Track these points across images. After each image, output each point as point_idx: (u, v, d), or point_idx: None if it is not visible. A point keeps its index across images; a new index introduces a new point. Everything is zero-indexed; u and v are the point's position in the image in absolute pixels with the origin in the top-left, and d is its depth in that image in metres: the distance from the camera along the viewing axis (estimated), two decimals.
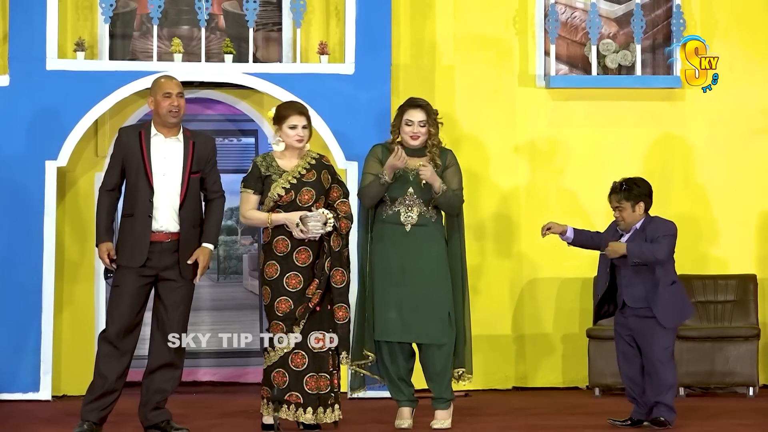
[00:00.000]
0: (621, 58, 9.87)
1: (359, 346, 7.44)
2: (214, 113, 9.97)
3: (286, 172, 7.26)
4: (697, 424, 7.64)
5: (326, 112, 9.13)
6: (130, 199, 7.08)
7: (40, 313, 8.98)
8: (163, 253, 7.07)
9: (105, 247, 7.11)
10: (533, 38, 9.82)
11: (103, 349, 7.09)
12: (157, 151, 7.11)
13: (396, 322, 7.34)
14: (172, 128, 7.14)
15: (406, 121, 7.41)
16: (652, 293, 7.31)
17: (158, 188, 7.06)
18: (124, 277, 7.09)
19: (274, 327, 7.22)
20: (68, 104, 9.02)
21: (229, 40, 9.40)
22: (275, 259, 7.21)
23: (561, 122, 9.85)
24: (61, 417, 7.97)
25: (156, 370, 7.15)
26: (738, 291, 9.69)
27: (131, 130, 7.24)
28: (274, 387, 7.15)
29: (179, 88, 7.15)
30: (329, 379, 7.21)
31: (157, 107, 7.10)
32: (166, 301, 7.10)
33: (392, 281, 7.37)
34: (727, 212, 9.91)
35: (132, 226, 7.06)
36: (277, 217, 7.21)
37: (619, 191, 7.38)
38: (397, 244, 7.38)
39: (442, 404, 7.45)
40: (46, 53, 9.07)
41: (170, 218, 7.08)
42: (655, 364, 7.35)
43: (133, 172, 7.07)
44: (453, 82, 9.75)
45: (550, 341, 9.82)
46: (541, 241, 9.05)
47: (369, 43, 9.24)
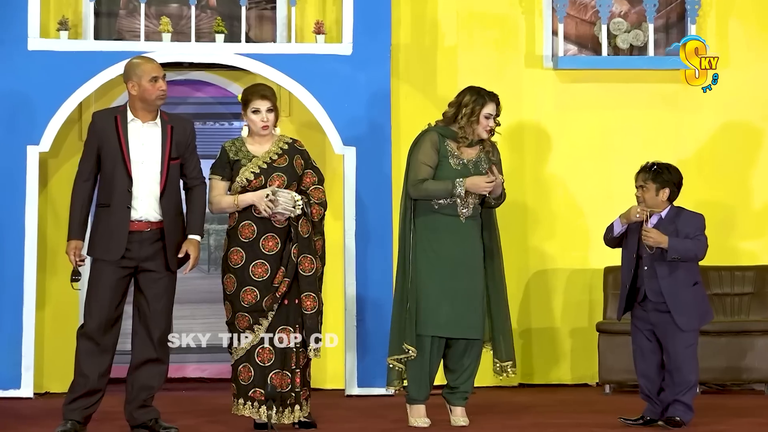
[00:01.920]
0: (632, 37, 9.82)
1: (398, 340, 7.34)
2: (204, 96, 9.93)
3: (256, 157, 7.16)
4: (712, 423, 7.56)
5: (322, 94, 9.08)
6: (107, 189, 6.95)
7: (22, 305, 8.92)
8: (143, 243, 6.95)
9: (75, 244, 6.97)
10: (540, 17, 9.76)
11: (82, 346, 6.98)
12: (134, 137, 6.98)
13: (450, 317, 7.31)
14: (151, 112, 7.03)
15: (486, 115, 7.39)
16: (672, 293, 7.26)
17: (137, 177, 6.93)
18: (101, 270, 6.97)
19: (240, 319, 7.09)
20: (51, 87, 8.94)
21: (221, 18, 9.35)
22: (240, 246, 7.10)
23: (569, 105, 9.78)
24: (44, 415, 7.90)
25: (140, 365, 7.05)
26: (756, 283, 9.60)
27: (106, 114, 7.10)
28: (240, 383, 7.07)
29: (163, 70, 7.06)
30: (290, 377, 7.07)
31: (143, 93, 6.96)
32: (148, 293, 6.99)
33: (447, 274, 7.33)
34: (744, 200, 9.85)
35: (109, 217, 6.93)
36: (244, 197, 7.10)
37: (648, 171, 7.34)
38: (453, 236, 7.35)
39: (463, 400, 7.44)
40: (28, 33, 8.98)
41: (150, 208, 6.96)
42: (678, 361, 7.29)
43: (110, 159, 6.94)
44: (456, 63, 9.66)
45: (558, 336, 9.75)
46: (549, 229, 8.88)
47: (367, 22, 9.15)
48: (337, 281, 9.11)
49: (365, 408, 8.25)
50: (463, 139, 7.37)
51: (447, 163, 7.34)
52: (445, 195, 7.30)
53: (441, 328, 7.31)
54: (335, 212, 9.28)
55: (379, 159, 9.05)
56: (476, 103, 7.38)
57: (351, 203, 9.03)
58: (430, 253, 7.34)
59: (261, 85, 7.35)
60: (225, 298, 7.12)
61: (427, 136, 7.40)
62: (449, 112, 7.44)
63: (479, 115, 7.36)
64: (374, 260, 9.01)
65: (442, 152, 7.35)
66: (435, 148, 7.36)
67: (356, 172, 9.03)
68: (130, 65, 7.04)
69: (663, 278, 7.24)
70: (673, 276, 7.24)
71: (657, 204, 7.31)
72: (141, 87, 6.94)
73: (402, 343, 7.32)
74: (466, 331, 7.34)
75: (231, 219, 7.16)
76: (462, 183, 7.26)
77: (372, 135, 9.06)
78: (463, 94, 7.44)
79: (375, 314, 8.94)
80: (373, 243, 9.01)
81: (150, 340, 6.98)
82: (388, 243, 9.00)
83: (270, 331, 7.04)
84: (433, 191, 7.31)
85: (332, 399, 8.68)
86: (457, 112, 7.40)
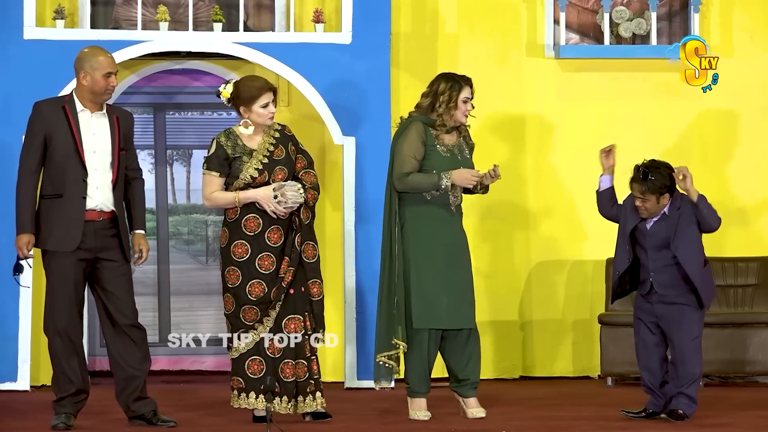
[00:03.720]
0: (635, 26, 9.76)
1: (387, 336, 7.32)
2: (202, 85, 9.90)
3: (255, 151, 7.08)
4: (715, 416, 7.54)
5: (322, 84, 9.05)
6: (57, 179, 6.91)
7: (18, 298, 8.87)
8: (97, 234, 6.93)
9: (28, 238, 6.93)
10: (542, 5, 9.71)
11: (58, 345, 6.96)
12: (86, 127, 6.96)
13: (449, 308, 7.30)
14: (98, 104, 7.00)
15: (464, 99, 7.39)
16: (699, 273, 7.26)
17: (90, 167, 6.91)
18: (59, 263, 6.92)
19: (247, 312, 7.04)
20: (47, 76, 8.85)
21: (219, 7, 9.31)
22: (245, 239, 7.05)
23: (571, 95, 9.74)
24: (40, 408, 7.80)
25: (119, 356, 7.02)
26: (759, 274, 9.57)
27: (52, 104, 7.05)
28: (249, 376, 7.02)
29: (117, 66, 7.09)
30: (307, 366, 7.07)
31: (93, 85, 6.93)
32: (110, 283, 6.97)
33: (443, 265, 7.32)
34: (748, 190, 9.81)
35: (61, 208, 6.89)
36: (246, 194, 7.04)
37: (643, 182, 7.26)
38: (445, 226, 7.36)
39: (474, 390, 7.44)
40: (23, 21, 8.94)
41: (104, 197, 6.94)
42: (683, 353, 7.28)
43: (60, 150, 6.90)
44: (456, 52, 9.62)
45: (560, 328, 9.72)
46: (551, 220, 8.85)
47: (367, 11, 9.12)
48: (336, 272, 9.07)
49: (365, 401, 8.26)
50: (441, 127, 7.34)
51: (435, 151, 7.31)
52: (431, 188, 7.28)
53: (441, 320, 7.29)
54: (334, 203, 9.24)
55: (379, 149, 8.99)
56: (453, 89, 7.37)
57: (350, 194, 8.99)
58: (424, 244, 7.30)
59: (261, 78, 7.27)
60: (226, 290, 7.07)
61: (412, 127, 7.35)
62: (424, 102, 7.42)
63: (457, 101, 7.36)
64: (374, 251, 8.94)
65: (429, 142, 7.33)
66: (422, 139, 7.33)
67: (355, 163, 8.99)
68: (84, 54, 6.98)
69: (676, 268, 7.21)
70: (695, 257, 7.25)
71: (661, 208, 7.28)
72: (93, 79, 6.91)
73: (391, 338, 7.29)
74: (465, 321, 7.34)
75: (231, 211, 7.08)
76: (448, 176, 7.24)
77: (371, 125, 9.03)
78: (437, 82, 7.43)
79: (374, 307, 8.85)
80: (373, 234, 8.95)
81: (122, 328, 6.95)
82: None
83: (278, 321, 7.01)
84: (419, 184, 7.28)
85: (332, 392, 8.61)
86: (434, 100, 7.38)
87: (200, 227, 9.95)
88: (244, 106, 7.04)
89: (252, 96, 7.02)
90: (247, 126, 7.06)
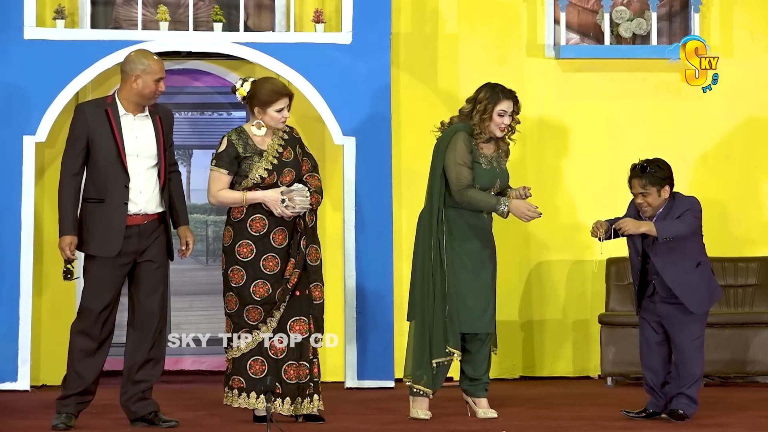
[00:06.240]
0: (635, 26, 9.76)
1: (442, 343, 7.30)
2: (202, 85, 9.89)
3: (265, 152, 7.07)
4: (715, 416, 7.53)
5: (322, 84, 9.03)
6: (99, 184, 6.86)
7: (18, 297, 8.87)
8: (142, 235, 6.91)
9: (71, 240, 6.88)
10: (542, 5, 9.71)
11: (78, 343, 6.91)
12: (128, 131, 6.90)
13: (483, 313, 7.34)
14: (141, 106, 6.94)
15: (500, 112, 7.33)
16: (676, 279, 7.21)
17: (133, 171, 6.86)
18: (98, 269, 6.89)
19: (252, 312, 7.03)
20: (47, 76, 8.89)
21: (219, 7, 9.31)
22: (250, 239, 7.04)
23: (571, 95, 9.74)
24: (40, 408, 7.83)
25: (136, 363, 6.98)
26: (760, 274, 9.55)
27: (94, 107, 6.97)
28: (250, 376, 7.01)
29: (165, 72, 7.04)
30: (308, 368, 7.07)
31: (144, 89, 6.86)
32: (145, 286, 6.95)
33: (484, 271, 7.37)
34: (748, 190, 9.80)
35: (103, 213, 6.85)
36: (254, 195, 7.02)
37: (643, 175, 7.21)
38: (482, 233, 7.40)
39: (485, 391, 7.47)
40: (24, 21, 8.93)
41: (150, 201, 6.92)
42: (684, 354, 7.27)
43: (103, 154, 6.84)
44: (457, 52, 9.62)
45: (560, 328, 9.72)
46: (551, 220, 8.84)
47: (367, 11, 9.10)
48: (336, 273, 9.06)
49: (365, 400, 8.25)
50: (479, 136, 7.32)
51: (479, 165, 7.31)
52: (487, 209, 7.32)
53: (477, 325, 7.33)
54: (335, 203, 9.23)
55: (379, 149, 9.00)
56: (489, 100, 7.31)
57: (350, 194, 8.98)
58: (472, 252, 7.33)
59: (278, 82, 7.22)
60: (228, 290, 7.06)
61: (459, 136, 7.30)
62: (466, 107, 7.39)
63: (492, 113, 7.30)
64: (373, 252, 8.95)
65: (474, 153, 7.31)
66: (468, 148, 7.30)
67: (356, 163, 8.98)
68: (137, 57, 6.91)
69: (664, 266, 7.18)
70: (674, 263, 7.18)
71: (662, 203, 7.25)
72: (144, 83, 6.84)
73: (445, 346, 7.28)
74: (489, 325, 7.38)
75: (237, 211, 7.06)
76: (507, 204, 7.24)
77: (372, 125, 9.01)
78: (480, 90, 7.39)
79: (374, 307, 8.90)
80: (373, 234, 8.95)
81: (147, 336, 6.93)
82: (387, 235, 8.96)
83: (283, 322, 7.00)
84: (478, 202, 7.28)
85: (332, 391, 8.62)
86: (472, 108, 7.35)
87: (200, 227, 9.93)
88: (260, 107, 7.02)
89: (269, 100, 7.00)
90: (260, 127, 7.04)
